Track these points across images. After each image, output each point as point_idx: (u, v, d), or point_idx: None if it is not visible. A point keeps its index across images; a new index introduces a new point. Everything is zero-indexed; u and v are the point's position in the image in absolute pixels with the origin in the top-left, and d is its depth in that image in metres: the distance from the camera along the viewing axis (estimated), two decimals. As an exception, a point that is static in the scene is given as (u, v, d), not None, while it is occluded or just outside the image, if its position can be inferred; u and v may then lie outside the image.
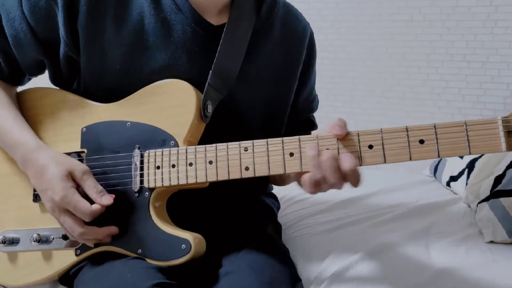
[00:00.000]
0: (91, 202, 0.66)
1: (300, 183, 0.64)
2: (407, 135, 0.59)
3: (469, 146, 0.57)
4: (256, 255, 0.74)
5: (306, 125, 0.97)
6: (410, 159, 0.59)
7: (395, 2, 1.80)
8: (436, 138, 0.58)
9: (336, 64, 1.90)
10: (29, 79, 0.85)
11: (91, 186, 0.67)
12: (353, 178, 0.60)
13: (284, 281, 0.71)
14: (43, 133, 0.77)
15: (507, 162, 1.11)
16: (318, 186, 0.61)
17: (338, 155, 0.60)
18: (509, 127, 0.56)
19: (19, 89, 0.85)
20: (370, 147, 0.61)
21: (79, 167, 0.68)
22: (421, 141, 0.59)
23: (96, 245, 0.71)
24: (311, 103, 0.96)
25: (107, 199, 0.66)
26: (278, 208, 1.02)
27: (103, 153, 0.73)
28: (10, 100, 0.78)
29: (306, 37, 0.88)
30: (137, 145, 0.71)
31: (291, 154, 0.63)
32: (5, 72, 0.79)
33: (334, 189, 0.62)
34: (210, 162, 0.67)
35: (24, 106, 0.80)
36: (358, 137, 0.61)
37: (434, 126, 0.58)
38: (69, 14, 0.72)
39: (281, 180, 0.91)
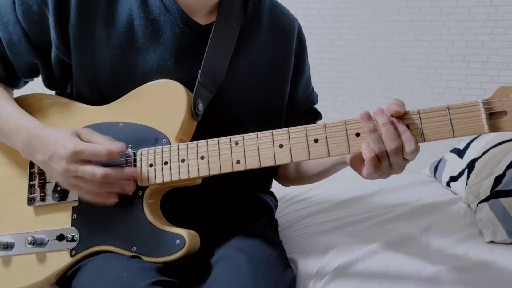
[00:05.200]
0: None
1: (361, 172, 0.65)
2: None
3: (452, 129, 0.59)
4: (248, 240, 0.77)
5: (310, 116, 0.98)
6: None
7: (395, 2, 1.80)
8: (421, 123, 0.60)
9: (336, 64, 1.90)
10: (25, 83, 0.86)
11: (101, 137, 0.69)
12: (409, 147, 0.60)
13: (274, 264, 0.73)
14: None
15: (507, 162, 1.11)
16: (378, 164, 0.61)
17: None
18: (490, 109, 0.59)
19: (15, 94, 0.85)
20: (357, 135, 0.63)
21: (83, 128, 0.71)
22: (407, 126, 0.61)
23: (91, 245, 0.71)
24: (311, 95, 0.97)
25: (121, 145, 0.68)
26: (276, 205, 1.02)
27: None
28: (9, 95, 0.79)
29: (294, 30, 0.89)
30: (130, 145, 0.72)
31: (281, 146, 0.65)
32: (1, 75, 0.80)
33: (395, 173, 0.63)
34: (202, 157, 0.68)
35: None
36: (346, 125, 0.63)
37: (418, 112, 0.61)
38: (60, 18, 0.73)
39: (320, 174, 0.87)
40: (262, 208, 0.93)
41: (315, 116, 0.98)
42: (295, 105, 0.92)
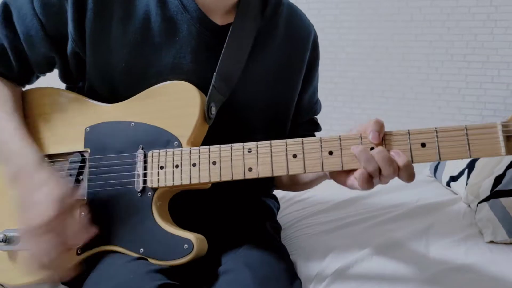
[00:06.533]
0: None
1: (346, 184, 0.65)
2: (409, 138, 0.61)
3: (469, 149, 0.59)
4: (253, 253, 0.75)
5: (310, 126, 0.97)
6: (412, 161, 0.61)
7: (395, 2, 1.80)
8: (437, 141, 0.60)
9: (336, 64, 1.90)
10: (37, 78, 0.85)
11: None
12: (407, 174, 0.60)
13: (281, 279, 0.71)
14: (46, 132, 0.77)
15: (507, 162, 1.11)
16: (371, 180, 0.62)
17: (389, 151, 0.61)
18: (509, 132, 0.58)
19: (26, 88, 0.85)
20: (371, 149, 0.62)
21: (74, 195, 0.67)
22: (423, 145, 0.60)
23: (98, 244, 0.71)
24: (314, 105, 0.96)
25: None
26: (278, 209, 1.02)
27: (107, 153, 0.73)
28: (15, 106, 0.76)
29: (310, 38, 0.88)
30: (141, 145, 0.72)
31: (294, 156, 0.64)
32: (15, 69, 0.78)
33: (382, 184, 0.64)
34: (214, 163, 0.67)
35: (28, 106, 0.80)
36: (361, 140, 0.62)
37: (436, 130, 0.60)
38: (78, 11, 0.72)
39: (305, 185, 0.89)
40: (266, 213, 0.93)
41: (315, 127, 0.98)
42: (298, 113, 0.91)
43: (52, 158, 0.76)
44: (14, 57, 0.77)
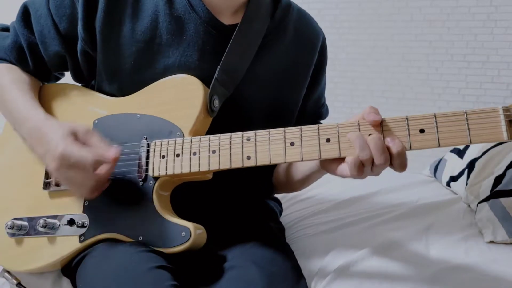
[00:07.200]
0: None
1: (336, 172, 0.65)
2: (407, 124, 0.60)
3: (469, 134, 0.58)
4: (260, 250, 0.75)
5: None
6: (410, 148, 0.60)
7: (395, 2, 1.80)
8: (437, 127, 0.59)
9: (336, 64, 1.91)
10: (56, 78, 0.89)
11: (97, 141, 0.68)
12: (399, 162, 0.60)
13: (287, 277, 0.72)
14: None
15: (507, 162, 1.11)
16: (362, 168, 0.61)
17: (384, 138, 0.60)
18: (510, 116, 0.57)
19: None
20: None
21: (82, 127, 0.69)
22: (422, 130, 0.60)
23: (100, 232, 0.72)
24: (320, 108, 0.97)
25: (114, 152, 0.66)
26: (280, 211, 1.02)
27: (112, 143, 0.74)
28: (29, 87, 0.80)
29: (318, 42, 0.88)
30: (145, 136, 0.74)
31: (292, 144, 0.64)
32: (30, 67, 0.82)
33: (373, 175, 0.63)
34: (213, 151, 0.68)
35: (41, 100, 0.83)
36: (359, 126, 0.62)
37: (435, 115, 0.59)
38: (88, 11, 0.75)
39: (302, 181, 0.87)
40: (269, 214, 0.94)
41: None
42: (303, 116, 0.91)
43: None
44: (30, 55, 0.81)
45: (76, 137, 0.68)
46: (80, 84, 0.88)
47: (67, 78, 0.89)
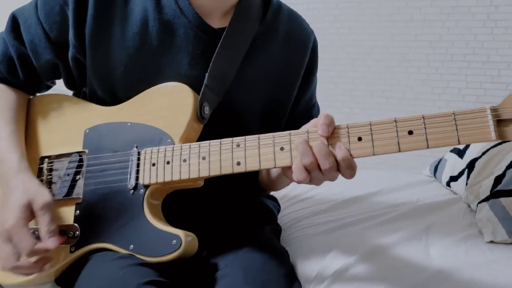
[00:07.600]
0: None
1: (291, 177, 0.65)
2: (396, 126, 0.60)
3: (458, 135, 0.58)
4: (252, 257, 0.74)
5: None
6: (399, 150, 0.60)
7: (395, 2, 1.80)
8: (425, 128, 0.59)
9: (336, 64, 1.91)
10: (48, 87, 0.88)
11: (45, 222, 0.65)
12: (347, 169, 0.61)
13: (278, 284, 0.71)
14: (48, 134, 0.81)
15: (507, 162, 1.11)
16: (307, 172, 0.62)
17: (329, 145, 0.61)
18: (498, 116, 0.57)
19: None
20: (359, 139, 0.62)
21: (40, 199, 0.66)
22: (410, 132, 0.60)
23: (90, 242, 0.71)
24: (311, 109, 0.96)
25: (52, 242, 0.64)
26: (279, 210, 1.02)
27: (103, 153, 0.75)
28: (14, 114, 0.78)
29: (309, 44, 0.88)
30: (136, 144, 0.73)
31: (282, 148, 0.65)
32: (20, 78, 0.81)
33: (329, 181, 0.64)
34: (203, 158, 0.68)
35: (33, 111, 0.83)
36: (348, 129, 0.62)
37: (423, 117, 0.60)
38: (78, 17, 0.74)
39: (274, 183, 0.89)
40: (266, 215, 0.93)
41: None
42: (294, 117, 0.91)
43: (52, 159, 0.79)
44: (20, 66, 0.80)
45: (32, 207, 0.66)
46: (72, 92, 0.87)
47: (58, 86, 0.88)
